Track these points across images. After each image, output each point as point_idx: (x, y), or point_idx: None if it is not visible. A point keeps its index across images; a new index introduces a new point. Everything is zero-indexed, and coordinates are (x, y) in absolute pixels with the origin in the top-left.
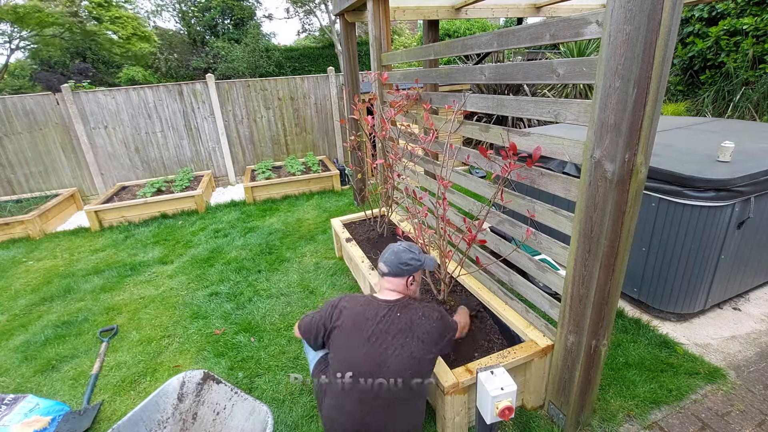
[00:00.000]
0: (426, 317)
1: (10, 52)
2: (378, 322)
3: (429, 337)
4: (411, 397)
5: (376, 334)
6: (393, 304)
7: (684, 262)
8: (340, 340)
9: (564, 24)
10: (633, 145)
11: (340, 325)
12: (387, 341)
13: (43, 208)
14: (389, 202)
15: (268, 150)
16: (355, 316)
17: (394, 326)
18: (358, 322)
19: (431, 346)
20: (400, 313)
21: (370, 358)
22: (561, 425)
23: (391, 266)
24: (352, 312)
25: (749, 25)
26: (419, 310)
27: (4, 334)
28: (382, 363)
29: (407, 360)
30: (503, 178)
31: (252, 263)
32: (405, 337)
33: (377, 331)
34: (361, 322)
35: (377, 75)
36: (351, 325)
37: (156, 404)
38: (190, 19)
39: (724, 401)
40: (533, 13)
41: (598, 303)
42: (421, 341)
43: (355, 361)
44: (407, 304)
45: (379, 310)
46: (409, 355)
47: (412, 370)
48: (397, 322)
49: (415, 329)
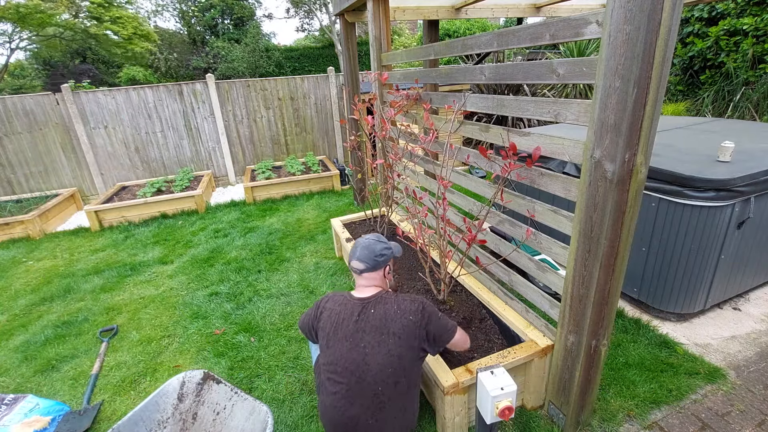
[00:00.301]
0: (401, 311)
1: (10, 52)
2: (354, 321)
3: (405, 331)
4: (398, 395)
5: (353, 333)
6: (367, 301)
7: (684, 262)
8: (323, 341)
9: (564, 24)
10: (633, 145)
11: (322, 327)
12: (364, 340)
13: (43, 208)
14: (389, 202)
15: (268, 150)
16: (333, 317)
17: (368, 324)
18: (335, 323)
19: (410, 341)
20: (374, 310)
21: (350, 358)
22: (561, 425)
23: (368, 261)
24: (331, 313)
25: (749, 25)
26: (394, 303)
27: (4, 334)
28: (362, 363)
29: (386, 357)
30: (503, 178)
31: (252, 263)
32: (381, 335)
33: (354, 330)
34: (338, 323)
35: (377, 75)
36: (329, 326)
37: (156, 404)
38: (190, 19)
39: (724, 401)
40: (533, 13)
41: (598, 303)
42: (398, 337)
43: (338, 362)
44: (382, 298)
45: (354, 309)
46: (386, 352)
47: (393, 368)
48: (371, 320)
49: (390, 325)
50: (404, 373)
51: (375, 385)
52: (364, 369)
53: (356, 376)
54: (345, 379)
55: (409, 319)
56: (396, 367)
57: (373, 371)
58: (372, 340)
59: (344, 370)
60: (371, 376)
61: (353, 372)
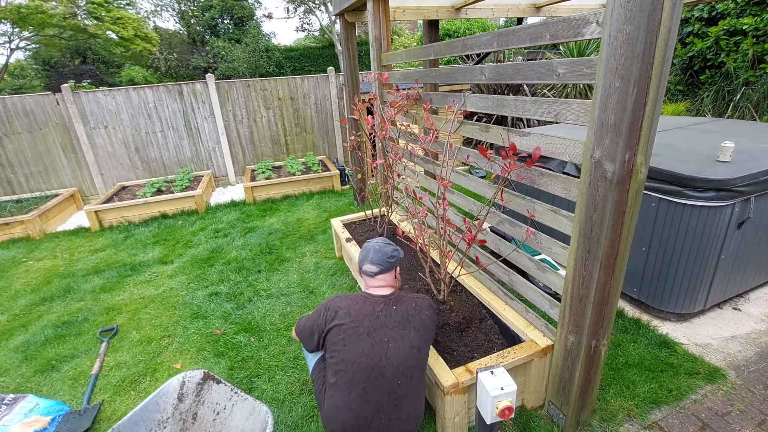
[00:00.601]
0: (419, 307)
1: (10, 52)
2: (376, 317)
3: (424, 325)
4: (412, 389)
5: (376, 328)
6: (388, 298)
7: (684, 262)
8: (340, 339)
9: (564, 24)
10: (633, 145)
11: (339, 324)
12: (387, 334)
13: (43, 208)
14: (389, 202)
15: (268, 150)
16: (353, 313)
17: (391, 319)
18: (357, 319)
19: (427, 334)
20: (396, 306)
21: (372, 352)
22: (561, 425)
23: (381, 263)
24: (350, 310)
25: (749, 25)
26: (412, 301)
27: (4, 334)
28: (384, 356)
29: (407, 350)
30: (503, 178)
31: (252, 263)
32: (403, 329)
33: (377, 326)
34: (360, 318)
35: (377, 75)
36: (350, 322)
37: (156, 404)
38: (190, 19)
39: (724, 401)
40: (533, 13)
41: (598, 303)
42: (417, 330)
43: (357, 357)
44: (400, 297)
45: (376, 305)
46: (408, 346)
47: (413, 361)
48: (394, 315)
49: (411, 320)
50: (420, 365)
51: (395, 380)
52: (385, 364)
53: (376, 371)
54: (364, 376)
55: (427, 314)
56: (416, 360)
57: (394, 365)
58: (396, 335)
59: (364, 368)
60: (391, 370)
61: (373, 368)
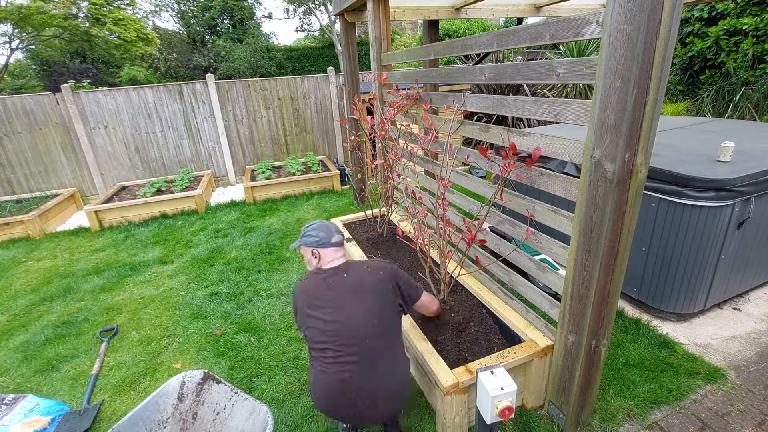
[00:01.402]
0: (372, 269)
1: (10, 52)
2: (327, 289)
3: (379, 286)
4: (387, 347)
5: (331, 299)
6: (338, 268)
7: (684, 262)
8: (304, 320)
9: (564, 24)
10: (633, 145)
11: (300, 308)
12: (344, 302)
13: (43, 208)
14: (389, 202)
15: (268, 150)
16: (306, 293)
17: (344, 287)
18: (312, 297)
19: (386, 294)
20: (347, 274)
21: (334, 318)
22: (561, 425)
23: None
24: (303, 291)
25: (749, 25)
26: (364, 265)
27: (4, 334)
28: (347, 320)
29: (368, 311)
30: (503, 178)
31: (252, 263)
32: (358, 293)
33: (331, 298)
34: (314, 296)
35: (377, 75)
36: (306, 302)
37: (156, 404)
38: (189, 19)
39: (724, 401)
40: (533, 13)
41: (598, 303)
42: (373, 292)
43: (323, 331)
44: (351, 264)
45: (327, 278)
46: (368, 307)
47: (377, 319)
48: (347, 282)
49: (364, 284)
50: (387, 322)
51: (363, 339)
52: (350, 326)
53: (342, 336)
54: (332, 343)
55: (380, 275)
56: (379, 319)
57: (358, 326)
58: (351, 299)
59: (331, 335)
60: (357, 330)
61: (339, 333)
